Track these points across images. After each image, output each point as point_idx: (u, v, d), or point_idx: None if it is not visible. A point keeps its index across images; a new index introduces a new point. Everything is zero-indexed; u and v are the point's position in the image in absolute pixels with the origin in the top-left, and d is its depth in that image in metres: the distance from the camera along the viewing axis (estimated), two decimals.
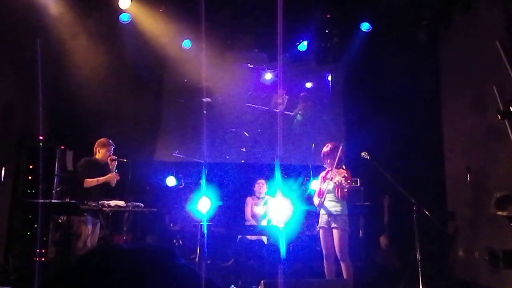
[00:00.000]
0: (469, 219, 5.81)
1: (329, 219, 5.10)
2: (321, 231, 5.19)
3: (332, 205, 5.10)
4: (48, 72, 3.94)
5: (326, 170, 5.28)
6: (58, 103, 6.94)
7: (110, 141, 5.61)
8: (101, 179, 5.36)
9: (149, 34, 7.15)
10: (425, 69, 7.52)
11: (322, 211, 5.19)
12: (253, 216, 6.74)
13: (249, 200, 6.82)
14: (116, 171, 5.55)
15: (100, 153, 5.54)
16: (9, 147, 6.23)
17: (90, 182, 5.31)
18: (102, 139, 5.62)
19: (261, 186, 6.75)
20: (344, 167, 5.16)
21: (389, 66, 7.47)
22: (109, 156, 5.53)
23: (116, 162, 5.54)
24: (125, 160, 5.61)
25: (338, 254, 5.05)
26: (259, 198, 6.78)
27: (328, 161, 5.20)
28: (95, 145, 5.58)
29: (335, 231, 5.06)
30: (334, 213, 5.08)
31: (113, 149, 5.60)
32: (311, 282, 4.18)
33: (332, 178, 5.05)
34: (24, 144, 6.38)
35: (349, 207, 5.26)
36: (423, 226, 4.89)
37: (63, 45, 6.51)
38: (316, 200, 5.26)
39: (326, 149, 5.26)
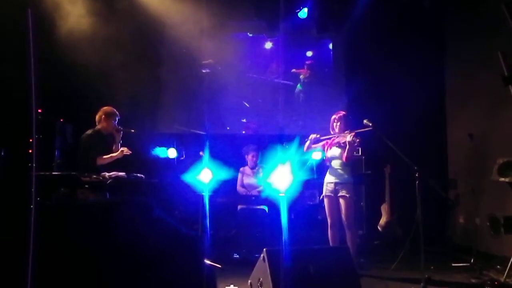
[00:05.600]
0: (470, 186, 5.80)
1: (337, 188, 5.19)
2: (326, 200, 5.27)
3: (339, 173, 5.21)
4: (42, 44, 3.84)
5: (330, 137, 5.33)
6: (55, 76, 6.83)
7: (115, 110, 5.38)
8: (114, 155, 5.20)
9: (147, 3, 7.00)
10: (429, 35, 7.35)
11: (328, 180, 5.28)
12: (248, 185, 6.83)
13: (242, 170, 6.91)
14: (120, 141, 5.40)
15: (105, 123, 5.30)
16: (7, 122, 6.18)
17: (103, 160, 5.14)
18: (107, 107, 5.37)
19: (253, 157, 6.84)
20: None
21: (391, 33, 7.32)
22: (114, 127, 5.33)
23: (122, 133, 5.37)
24: (132, 130, 5.45)
25: (344, 222, 5.14)
26: (252, 168, 6.87)
27: (339, 125, 5.29)
28: (100, 113, 5.33)
29: (342, 199, 5.14)
30: (342, 181, 5.18)
31: (118, 119, 5.39)
32: (312, 249, 4.20)
33: (340, 141, 5.18)
34: (23, 118, 6.30)
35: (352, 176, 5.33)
36: (425, 194, 4.89)
37: (57, 14, 6.36)
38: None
39: (338, 115, 5.34)
